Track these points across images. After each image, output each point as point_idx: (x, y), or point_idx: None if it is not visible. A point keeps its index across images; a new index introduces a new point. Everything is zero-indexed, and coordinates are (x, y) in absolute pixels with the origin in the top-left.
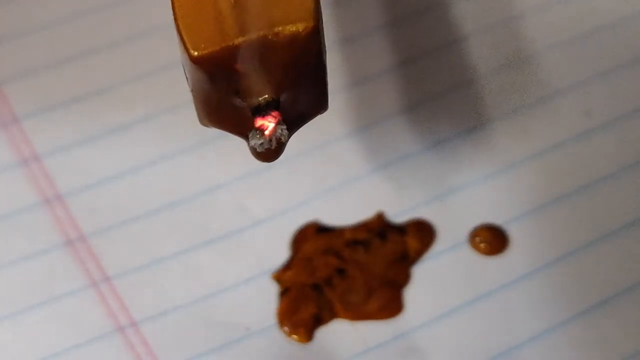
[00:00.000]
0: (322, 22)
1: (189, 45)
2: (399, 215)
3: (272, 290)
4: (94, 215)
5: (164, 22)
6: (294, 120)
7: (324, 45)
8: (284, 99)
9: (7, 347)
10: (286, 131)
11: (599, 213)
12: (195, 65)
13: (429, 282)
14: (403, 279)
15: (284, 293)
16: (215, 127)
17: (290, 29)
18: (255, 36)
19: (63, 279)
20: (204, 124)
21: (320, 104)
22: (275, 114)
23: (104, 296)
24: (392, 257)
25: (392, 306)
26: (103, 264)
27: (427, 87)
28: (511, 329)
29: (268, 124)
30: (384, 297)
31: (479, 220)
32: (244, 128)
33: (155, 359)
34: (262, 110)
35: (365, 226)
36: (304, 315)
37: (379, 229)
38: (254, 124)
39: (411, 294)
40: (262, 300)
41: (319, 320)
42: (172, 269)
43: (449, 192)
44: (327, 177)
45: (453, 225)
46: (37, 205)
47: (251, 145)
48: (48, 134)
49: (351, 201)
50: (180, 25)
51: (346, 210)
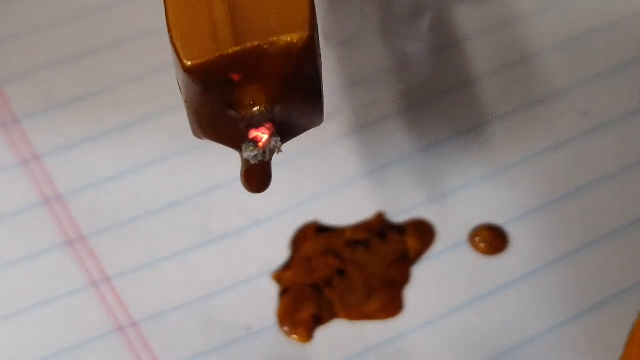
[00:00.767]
0: (318, 32)
1: (182, 54)
2: (399, 215)
3: (272, 290)
4: (94, 215)
5: (163, 22)
6: (288, 132)
7: (320, 56)
8: (278, 111)
9: (7, 347)
10: (280, 143)
11: (599, 213)
12: (188, 74)
13: (429, 282)
14: (403, 279)
15: (284, 293)
16: (208, 139)
17: (285, 39)
18: (249, 46)
19: (63, 279)
20: (197, 135)
21: (315, 116)
22: (269, 125)
23: (104, 296)
24: (392, 257)
25: (392, 306)
26: (103, 264)
27: (426, 88)
28: (511, 329)
29: (262, 135)
30: (384, 297)
31: (479, 220)
32: (237, 140)
33: (155, 359)
34: (255, 122)
35: (365, 226)
36: (304, 315)
37: (379, 229)
38: (247, 136)
39: (411, 294)
40: (262, 300)
41: (319, 320)
42: (172, 269)
43: (449, 192)
44: (327, 177)
45: (453, 225)
46: (37, 205)
47: (245, 158)
48: (48, 134)
49: (351, 201)
50: (174, 35)
51: (346, 210)
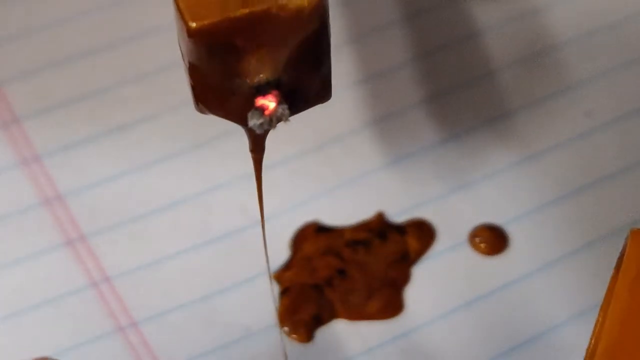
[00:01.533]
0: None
1: (186, 16)
2: (399, 215)
3: (272, 290)
4: (94, 215)
5: (164, 22)
6: (295, 104)
7: (329, 25)
8: (285, 79)
9: (7, 347)
10: (287, 111)
11: (599, 213)
12: (192, 38)
13: (429, 282)
14: (403, 279)
15: (284, 293)
16: (212, 112)
17: (296, 2)
18: (259, 9)
19: (63, 279)
20: (200, 110)
21: (323, 89)
22: (276, 93)
23: (104, 296)
24: (392, 257)
25: (392, 306)
26: (103, 264)
27: (426, 88)
28: (511, 329)
29: (269, 103)
30: (384, 297)
31: (479, 220)
32: (242, 111)
33: (155, 359)
34: (262, 89)
35: (365, 226)
36: (304, 315)
37: (379, 229)
38: (254, 104)
39: (411, 294)
40: (262, 300)
41: (319, 320)
42: (172, 269)
43: (449, 192)
44: (327, 177)
45: (453, 225)
46: (37, 205)
47: (250, 126)
48: (48, 134)
49: (351, 201)
50: None
51: (346, 210)
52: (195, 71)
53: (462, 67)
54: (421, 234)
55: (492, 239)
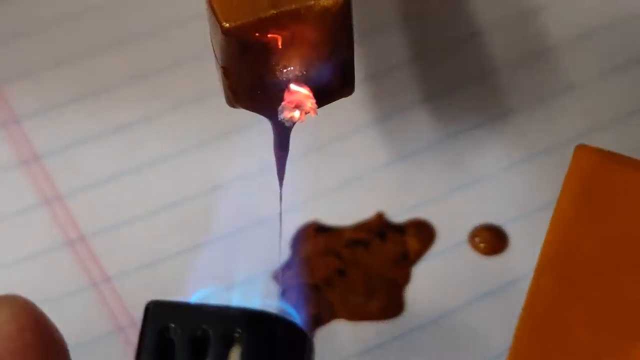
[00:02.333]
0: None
1: (220, 17)
2: (399, 215)
3: (272, 290)
4: (94, 215)
5: (163, 22)
6: (321, 98)
7: (353, 23)
8: (312, 75)
9: None
10: (315, 105)
11: None
12: (226, 37)
13: (429, 282)
14: (403, 279)
15: (284, 293)
16: (243, 106)
17: (322, 3)
18: (287, 9)
19: (63, 279)
20: (231, 104)
21: (346, 84)
22: (304, 87)
23: (104, 296)
24: (392, 257)
25: (392, 306)
26: (103, 264)
27: (425, 89)
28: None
29: (298, 98)
30: (384, 297)
31: (479, 220)
32: (272, 105)
33: None
34: (291, 84)
35: (365, 226)
36: (304, 315)
37: (379, 229)
38: (283, 99)
39: (411, 294)
40: (262, 300)
41: (319, 320)
42: (172, 268)
43: (449, 192)
44: (327, 177)
45: (453, 225)
46: (37, 205)
47: (280, 119)
48: (48, 134)
49: (351, 201)
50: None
51: (346, 210)
52: (227, 68)
53: (461, 68)
54: (421, 234)
55: (492, 239)
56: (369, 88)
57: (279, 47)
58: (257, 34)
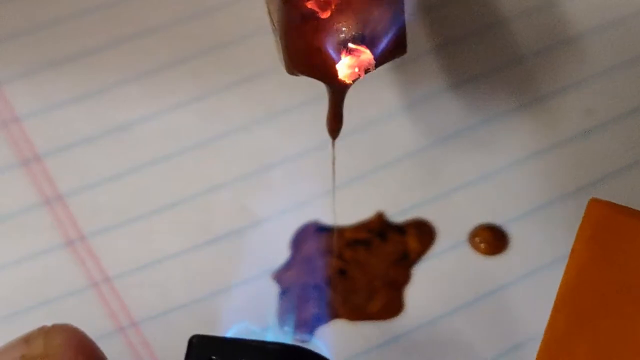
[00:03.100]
0: None
1: None
2: (399, 215)
3: (272, 290)
4: (94, 215)
5: (163, 22)
6: (377, 57)
7: None
8: (368, 34)
9: None
10: (374, 61)
11: None
12: (285, 4)
13: (429, 282)
14: (403, 279)
15: (284, 293)
16: (302, 72)
17: None
18: None
19: (63, 279)
20: (290, 71)
21: (399, 44)
22: (362, 47)
23: (104, 296)
24: (392, 257)
25: (392, 306)
26: (103, 264)
27: (424, 89)
28: (511, 329)
29: (357, 55)
30: (385, 297)
31: (479, 220)
32: (332, 67)
33: (155, 359)
34: (349, 43)
35: (365, 226)
36: (304, 315)
37: (379, 229)
38: (342, 58)
39: (411, 294)
40: (262, 300)
41: (319, 320)
42: (172, 269)
43: (449, 192)
44: (327, 177)
45: (453, 225)
46: (37, 205)
47: (341, 78)
48: (48, 134)
49: (351, 201)
50: None
51: (346, 210)
52: (285, 35)
53: (460, 67)
54: (421, 234)
55: (492, 239)
56: (369, 88)
57: (336, 8)
58: None
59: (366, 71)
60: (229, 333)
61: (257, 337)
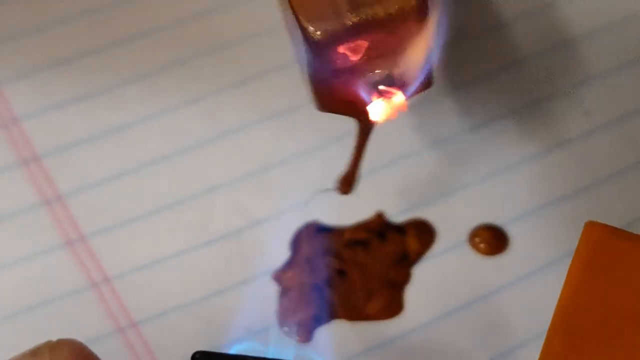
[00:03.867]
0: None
1: (309, 30)
2: (399, 215)
3: (272, 290)
4: (94, 215)
5: (163, 22)
6: (406, 94)
7: (434, 21)
8: (398, 73)
9: (6, 348)
10: (405, 102)
11: (599, 213)
12: (316, 47)
13: (429, 282)
14: (403, 279)
15: (284, 293)
16: (332, 111)
17: (398, 6)
18: (369, 14)
19: (63, 279)
20: (320, 109)
21: (427, 79)
22: (391, 87)
23: (104, 296)
24: (392, 258)
25: (392, 306)
26: (103, 264)
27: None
28: (511, 329)
29: (388, 96)
30: (384, 297)
31: (479, 220)
32: (362, 106)
33: (155, 359)
34: (380, 84)
35: (365, 226)
36: (304, 315)
37: (378, 229)
38: (373, 98)
39: (411, 294)
40: (262, 300)
41: (319, 320)
42: (172, 269)
43: (448, 192)
44: (327, 177)
45: (453, 225)
46: (37, 206)
47: (372, 119)
48: (47, 134)
49: (351, 201)
50: (300, 15)
51: (346, 210)
52: (315, 76)
53: (460, 69)
54: (421, 234)
55: (492, 239)
56: None
57: (365, 50)
58: (343, 41)
59: (399, 110)
60: (232, 350)
61: (259, 354)
